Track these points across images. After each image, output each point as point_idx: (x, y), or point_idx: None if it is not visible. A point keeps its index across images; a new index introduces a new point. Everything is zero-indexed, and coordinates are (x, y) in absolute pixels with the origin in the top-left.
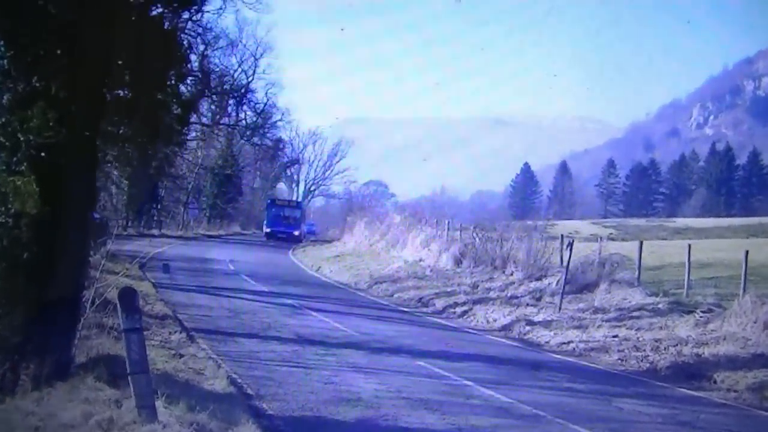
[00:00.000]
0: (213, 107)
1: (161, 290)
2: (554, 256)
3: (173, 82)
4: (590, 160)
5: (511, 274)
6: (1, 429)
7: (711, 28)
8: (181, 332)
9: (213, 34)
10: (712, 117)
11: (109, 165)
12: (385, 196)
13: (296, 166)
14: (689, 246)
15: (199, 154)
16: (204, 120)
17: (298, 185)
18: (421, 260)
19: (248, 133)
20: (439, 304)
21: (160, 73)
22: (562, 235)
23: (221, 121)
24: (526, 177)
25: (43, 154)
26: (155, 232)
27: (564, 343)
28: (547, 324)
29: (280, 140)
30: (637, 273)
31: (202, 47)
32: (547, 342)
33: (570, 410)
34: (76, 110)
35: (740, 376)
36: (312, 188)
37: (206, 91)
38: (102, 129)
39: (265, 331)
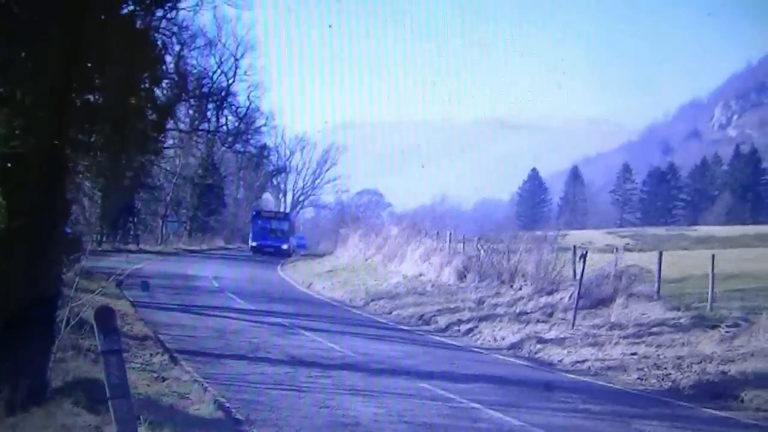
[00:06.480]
0: (191, 112)
1: (141, 309)
2: (566, 269)
3: (147, 85)
4: (604, 165)
5: (520, 289)
6: None
7: (733, 21)
8: (163, 354)
9: (189, 33)
10: (735, 117)
11: (80, 176)
12: (381, 205)
13: (283, 174)
14: (713, 256)
15: (178, 162)
16: (182, 126)
17: (285, 195)
18: (421, 275)
19: (230, 139)
20: (442, 321)
21: (132, 76)
22: (574, 246)
23: (200, 127)
24: (535, 184)
25: (9, 164)
26: (132, 247)
27: (578, 362)
28: (559, 341)
29: (264, 147)
30: (656, 286)
31: (177, 47)
32: (559, 361)
33: None
34: (44, 117)
35: None
36: (301, 198)
37: (183, 94)
38: (71, 137)
39: (253, 352)
